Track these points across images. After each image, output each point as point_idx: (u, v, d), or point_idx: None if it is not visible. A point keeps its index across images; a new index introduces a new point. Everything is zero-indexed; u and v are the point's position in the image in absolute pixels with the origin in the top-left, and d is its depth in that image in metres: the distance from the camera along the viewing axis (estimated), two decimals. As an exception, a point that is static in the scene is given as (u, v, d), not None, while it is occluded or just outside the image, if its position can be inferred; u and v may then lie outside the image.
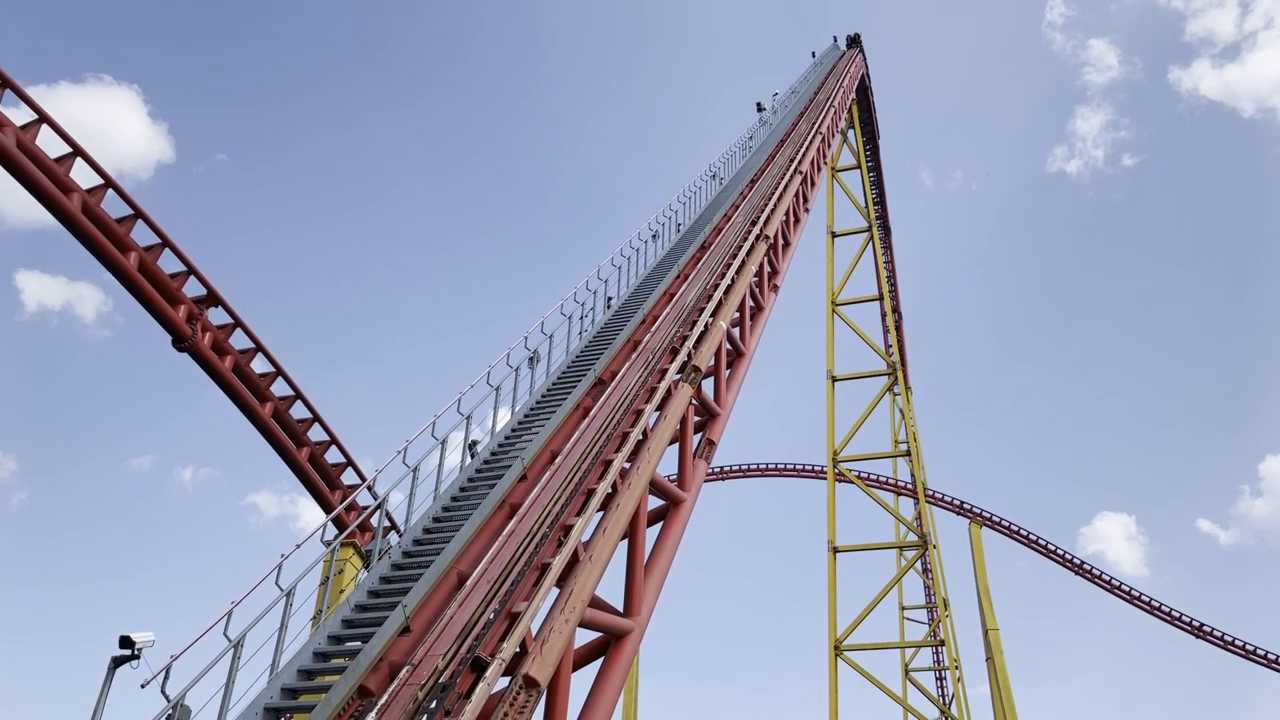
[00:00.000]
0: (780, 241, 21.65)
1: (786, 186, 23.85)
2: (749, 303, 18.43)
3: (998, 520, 41.65)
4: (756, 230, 20.34)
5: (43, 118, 16.62)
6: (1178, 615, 40.82)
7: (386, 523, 12.31)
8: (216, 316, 19.18)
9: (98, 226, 17.17)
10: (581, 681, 10.08)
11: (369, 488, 15.03)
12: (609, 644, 10.68)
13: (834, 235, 39.37)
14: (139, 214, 17.85)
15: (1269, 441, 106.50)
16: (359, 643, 9.67)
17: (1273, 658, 39.48)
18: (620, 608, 11.13)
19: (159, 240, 18.19)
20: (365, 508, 14.64)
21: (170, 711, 7.96)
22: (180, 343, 18.46)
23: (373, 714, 8.17)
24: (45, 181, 16.44)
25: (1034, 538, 41.78)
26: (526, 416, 14.91)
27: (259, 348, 19.74)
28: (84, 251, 17.34)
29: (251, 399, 19.60)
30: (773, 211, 21.78)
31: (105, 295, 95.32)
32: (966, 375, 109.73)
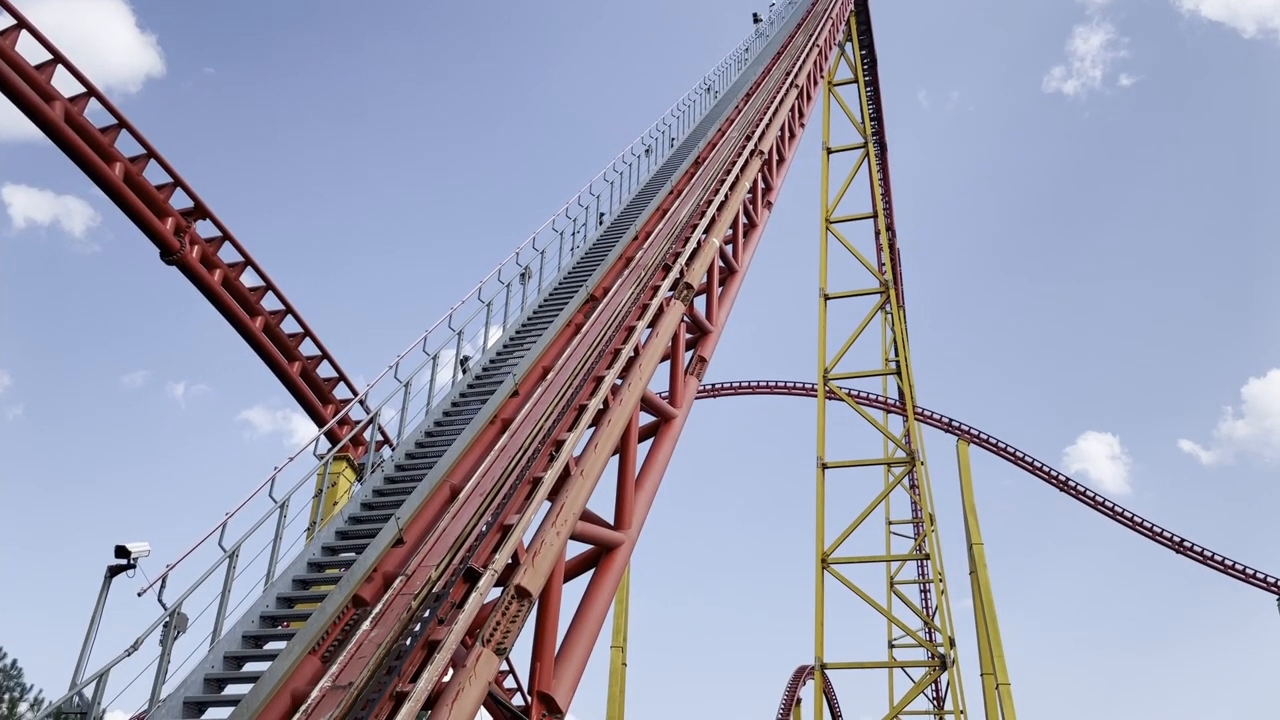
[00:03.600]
0: (775, 157, 21.40)
1: (782, 101, 23.48)
2: (742, 219, 18.29)
3: (985, 438, 42.12)
4: (751, 145, 20.07)
5: (21, 23, 16.16)
6: (1159, 531, 41.61)
7: (379, 437, 12.38)
8: (205, 230, 18.96)
9: (81, 136, 16.84)
10: (573, 592, 10.28)
11: (361, 402, 15.10)
12: (600, 556, 10.85)
13: (829, 151, 38.91)
14: (123, 124, 17.51)
15: (1252, 364, 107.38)
16: (353, 554, 9.81)
17: (1250, 572, 40.40)
18: (611, 521, 11.29)
19: (144, 151, 17.89)
20: (358, 422, 14.70)
21: (167, 619, 8.10)
22: (168, 256, 18.28)
23: (367, 622, 8.33)
24: (25, 88, 16.06)
25: (1020, 455, 42.33)
26: (518, 333, 14.91)
27: (248, 261, 19.57)
28: (70, 165, 17.03)
29: (242, 313, 19.49)
30: (768, 126, 21.48)
31: (94, 210, 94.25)
32: (958, 295, 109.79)
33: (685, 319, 14.49)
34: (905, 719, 40.90)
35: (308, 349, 20.66)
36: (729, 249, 17.37)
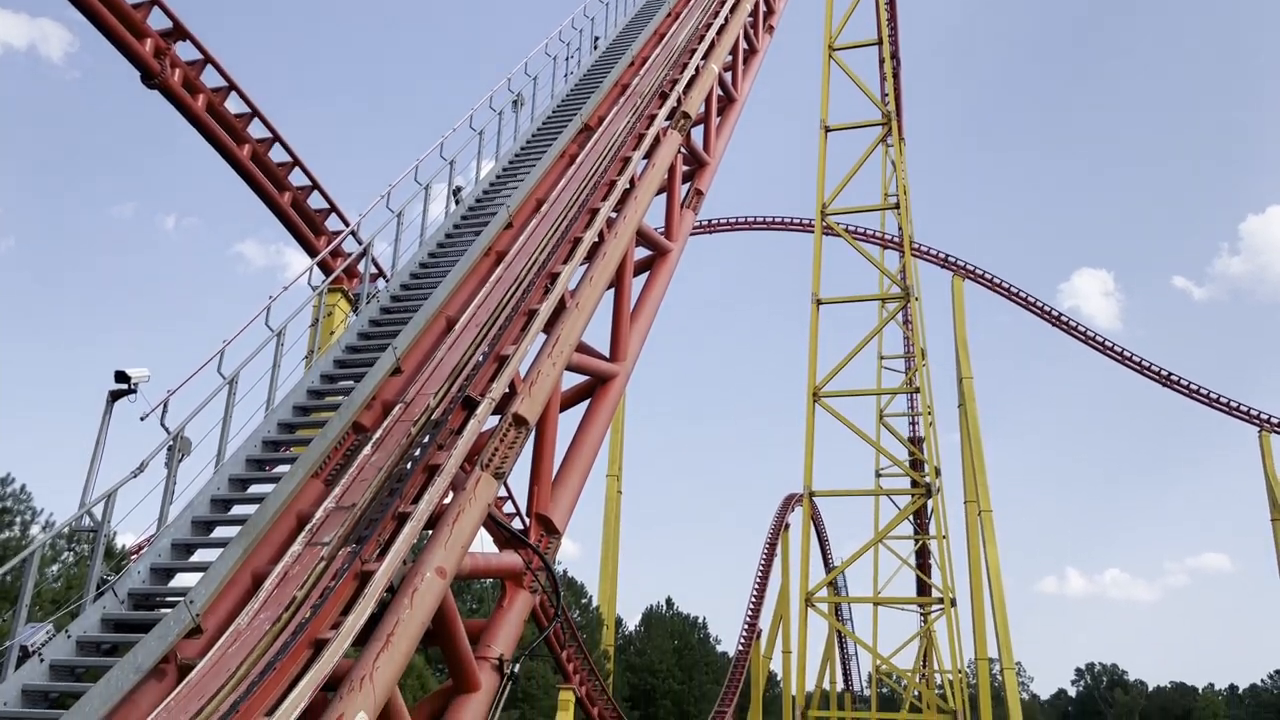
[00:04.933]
0: (778, -22, 20.49)
1: (787, -83, 22.28)
2: (743, 45, 17.69)
3: (981, 273, 42.16)
4: (753, -35, 19.17)
5: None
6: (1146, 365, 42.21)
7: (373, 269, 12.31)
8: (186, 53, 18.30)
9: (49, -49, 16.06)
10: (569, 422, 10.50)
11: (354, 234, 14.97)
12: (595, 387, 11.02)
13: (834, -26, 37.29)
14: (92, -63, 16.63)
15: (1251, 201, 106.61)
16: (351, 382, 9.91)
17: (1234, 405, 41.25)
18: (607, 353, 11.40)
19: (117, -33, 17.05)
20: (351, 254, 14.61)
21: (171, 442, 8.25)
22: (149, 80, 17.69)
23: (368, 447, 8.52)
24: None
25: (1015, 290, 42.49)
26: (511, 163, 14.62)
27: (232, 86, 18.97)
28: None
29: (228, 140, 19.02)
30: (771, -55, 20.46)
31: (72, 35, 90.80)
32: (959, 128, 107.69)
33: (682, 150, 14.21)
34: (889, 543, 42.58)
35: (298, 179, 20.29)
36: (728, 76, 16.87)
